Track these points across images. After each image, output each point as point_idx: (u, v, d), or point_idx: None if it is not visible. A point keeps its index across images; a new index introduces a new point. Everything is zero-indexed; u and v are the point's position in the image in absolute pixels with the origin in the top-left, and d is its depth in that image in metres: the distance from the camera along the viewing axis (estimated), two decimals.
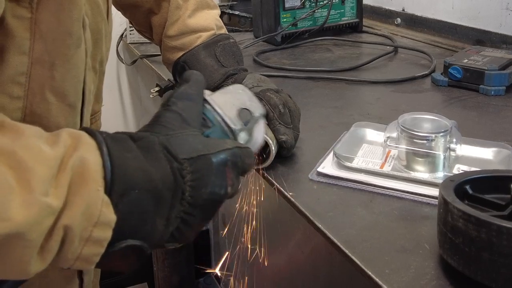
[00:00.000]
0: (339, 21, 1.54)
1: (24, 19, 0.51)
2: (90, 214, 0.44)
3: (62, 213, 0.43)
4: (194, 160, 0.51)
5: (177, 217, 0.51)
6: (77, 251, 0.45)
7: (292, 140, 0.76)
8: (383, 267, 0.55)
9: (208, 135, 0.56)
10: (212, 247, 1.94)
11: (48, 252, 0.44)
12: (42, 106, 0.55)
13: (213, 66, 0.84)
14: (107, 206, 0.45)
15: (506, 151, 0.75)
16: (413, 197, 0.68)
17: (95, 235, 0.45)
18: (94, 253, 0.46)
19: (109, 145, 0.47)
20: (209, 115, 0.57)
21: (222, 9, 1.67)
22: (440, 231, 0.54)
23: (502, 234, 0.47)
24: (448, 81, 1.09)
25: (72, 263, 0.46)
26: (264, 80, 0.82)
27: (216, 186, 0.52)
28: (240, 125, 0.58)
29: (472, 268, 0.50)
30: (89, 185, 0.44)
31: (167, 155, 0.50)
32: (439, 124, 0.74)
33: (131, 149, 0.49)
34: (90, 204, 0.44)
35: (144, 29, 0.95)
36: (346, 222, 0.64)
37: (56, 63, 0.55)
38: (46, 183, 0.43)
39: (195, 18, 0.88)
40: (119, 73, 1.90)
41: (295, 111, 0.78)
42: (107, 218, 0.45)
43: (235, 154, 0.54)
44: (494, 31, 1.30)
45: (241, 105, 0.59)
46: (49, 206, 0.42)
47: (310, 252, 0.95)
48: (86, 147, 0.46)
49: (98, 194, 0.45)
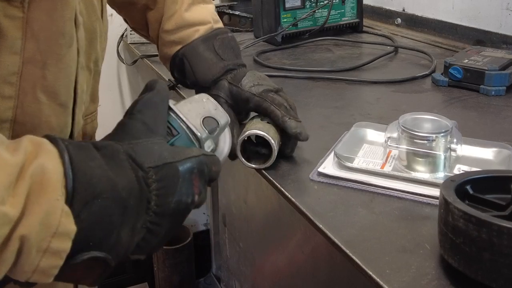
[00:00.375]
0: (340, 21, 1.54)
1: (15, 18, 0.51)
2: (48, 224, 0.42)
3: (19, 222, 0.41)
4: (160, 168, 0.50)
5: (143, 227, 0.49)
6: (34, 263, 0.43)
7: (306, 132, 0.76)
8: (384, 267, 0.55)
9: (173, 143, 0.55)
10: (212, 247, 1.94)
11: (3, 264, 0.42)
12: (33, 106, 0.54)
13: (212, 60, 0.84)
14: (66, 216, 0.43)
15: (507, 151, 0.75)
16: (413, 197, 0.68)
17: (54, 246, 0.43)
18: (52, 265, 0.44)
19: (71, 153, 0.46)
20: (174, 124, 0.56)
21: (223, 9, 1.67)
22: (440, 231, 0.54)
23: (503, 234, 0.47)
24: (449, 81, 1.09)
25: (30, 276, 0.44)
26: (264, 78, 0.82)
27: (183, 194, 0.51)
28: (206, 133, 0.58)
29: (473, 268, 0.50)
30: (48, 194, 0.43)
31: (132, 164, 0.49)
32: (439, 124, 0.74)
33: (95, 158, 0.47)
34: (48, 214, 0.42)
35: (140, 27, 0.95)
36: (347, 222, 0.64)
37: (48, 62, 0.54)
38: (3, 191, 0.41)
39: (191, 12, 0.88)
40: (119, 73, 1.90)
41: (294, 109, 0.79)
42: (66, 229, 0.43)
43: (202, 162, 0.53)
44: (495, 31, 1.30)
45: (206, 113, 0.59)
46: (5, 215, 0.40)
47: (311, 252, 0.95)
48: (47, 155, 0.44)
49: (57, 204, 0.43)
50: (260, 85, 0.79)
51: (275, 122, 0.76)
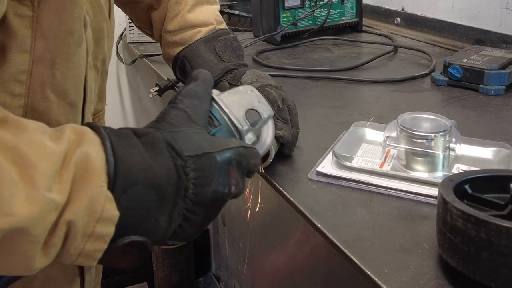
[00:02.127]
0: (339, 20, 1.54)
1: (25, 17, 0.51)
2: (93, 210, 0.44)
3: (66, 208, 0.43)
4: (198, 157, 0.51)
5: (180, 214, 0.50)
6: (80, 247, 0.45)
7: (289, 135, 0.76)
8: (382, 266, 0.55)
9: (214, 134, 0.56)
10: (212, 247, 1.94)
11: (52, 248, 0.44)
12: (43, 104, 0.55)
13: (212, 61, 0.84)
14: (110, 202, 0.45)
15: (506, 151, 0.75)
16: (412, 197, 0.68)
17: (98, 230, 0.45)
18: (97, 249, 0.46)
19: (113, 141, 0.47)
20: (216, 114, 0.57)
21: (222, 9, 1.67)
22: (439, 231, 0.54)
23: (501, 233, 0.47)
24: (448, 80, 1.09)
25: (74, 259, 0.46)
26: (264, 76, 0.82)
27: (220, 184, 0.52)
28: (247, 125, 0.58)
29: (471, 268, 0.50)
30: (92, 181, 0.44)
31: (171, 152, 0.50)
32: (438, 124, 0.74)
33: (135, 145, 0.49)
34: (93, 200, 0.44)
35: (144, 25, 0.95)
36: (345, 221, 0.64)
37: (57, 61, 0.55)
38: (49, 179, 0.43)
39: (194, 13, 0.88)
40: (118, 73, 1.90)
41: (293, 109, 0.78)
42: (110, 214, 0.45)
43: (240, 153, 0.54)
44: (494, 31, 1.29)
45: (249, 105, 0.59)
46: (53, 202, 0.42)
47: (310, 252, 0.95)
48: (90, 143, 0.46)
49: (101, 190, 0.45)
50: (258, 82, 0.79)
51: None
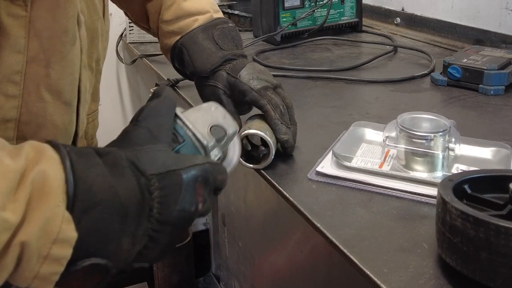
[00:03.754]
0: (339, 20, 1.54)
1: (19, 17, 0.51)
2: (49, 231, 0.42)
3: (20, 228, 0.41)
4: (163, 175, 0.49)
5: (145, 235, 0.49)
6: (35, 269, 0.43)
7: (292, 140, 0.77)
8: (382, 266, 0.55)
9: (178, 150, 0.54)
10: (212, 247, 1.94)
11: (3, 270, 0.42)
12: (37, 105, 0.55)
13: (210, 49, 0.83)
14: (67, 223, 0.43)
15: (505, 151, 0.75)
16: (412, 197, 0.68)
17: (54, 252, 0.43)
18: (53, 272, 0.43)
19: (73, 160, 0.45)
20: (180, 131, 0.55)
21: (222, 9, 1.67)
22: (438, 231, 0.54)
23: (500, 233, 0.47)
24: (448, 80, 1.09)
25: (30, 282, 0.43)
26: (264, 72, 0.81)
27: (186, 203, 0.50)
28: (213, 141, 0.56)
29: (470, 268, 0.50)
30: (49, 200, 0.42)
31: (134, 171, 0.48)
32: (438, 124, 0.74)
33: (96, 164, 0.47)
34: (49, 220, 0.42)
35: (140, 19, 0.94)
36: (345, 221, 0.64)
37: (52, 60, 0.54)
38: (3, 197, 0.40)
39: (190, 2, 0.87)
40: (118, 73, 1.90)
41: (291, 108, 0.79)
42: (67, 235, 0.43)
43: (207, 170, 0.52)
44: (494, 31, 1.30)
45: (214, 122, 0.57)
46: (6, 221, 0.40)
47: (309, 252, 0.95)
48: (49, 161, 0.44)
49: (58, 210, 0.42)
50: (259, 79, 0.79)
51: (268, 122, 0.77)
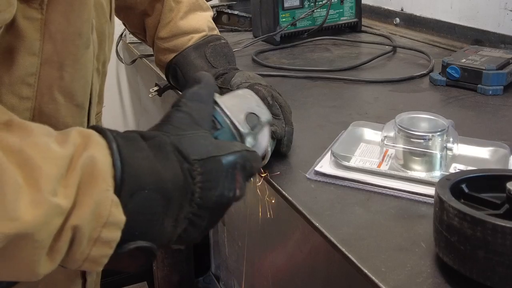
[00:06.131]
0: (338, 20, 1.55)
1: (34, 20, 0.51)
2: (99, 215, 0.44)
3: (71, 213, 0.43)
4: (205, 161, 0.51)
5: (186, 218, 0.50)
6: (85, 252, 0.44)
7: (282, 131, 0.76)
8: (380, 265, 0.56)
9: (216, 137, 0.56)
10: (212, 246, 1.95)
11: (57, 253, 0.43)
12: (50, 107, 0.55)
13: (202, 67, 0.84)
14: (116, 207, 0.44)
15: (503, 151, 0.75)
16: (410, 196, 0.68)
17: (104, 235, 0.44)
18: (103, 254, 0.45)
19: (120, 144, 0.47)
20: (218, 118, 0.57)
21: (222, 9, 1.67)
22: (436, 230, 0.54)
23: (497, 232, 0.48)
24: (446, 80, 1.09)
25: (80, 264, 0.45)
26: (253, 77, 0.82)
27: (225, 188, 0.52)
28: (248, 129, 0.58)
29: (468, 266, 0.50)
30: (98, 185, 0.44)
31: (178, 156, 0.49)
32: (436, 124, 0.74)
33: (142, 149, 0.48)
34: (99, 204, 0.43)
35: (138, 31, 0.95)
36: (343, 220, 0.64)
37: (65, 63, 0.55)
38: (54, 182, 0.42)
39: (187, 20, 0.88)
40: (118, 73, 1.90)
41: (285, 106, 0.78)
42: (116, 219, 0.44)
43: (244, 157, 0.54)
44: (493, 31, 1.30)
45: (249, 109, 0.59)
46: (58, 206, 0.42)
47: (309, 251, 0.95)
48: (96, 146, 0.45)
49: (107, 194, 0.44)
50: (248, 83, 0.79)
51: None
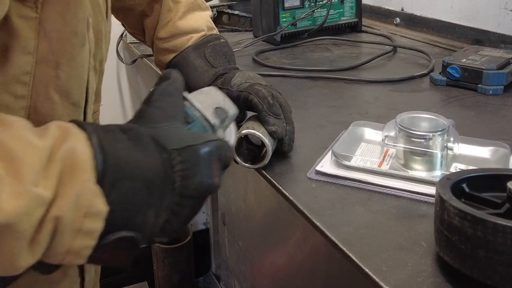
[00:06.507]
0: (338, 20, 1.55)
1: (29, 19, 0.51)
2: (80, 205, 0.44)
3: (53, 204, 0.43)
4: (182, 150, 0.51)
5: (168, 208, 0.51)
6: (68, 243, 0.44)
7: (283, 131, 0.76)
8: (381, 264, 0.56)
9: (189, 129, 0.57)
10: (212, 246, 1.95)
11: (39, 245, 0.43)
12: (46, 105, 0.55)
13: (202, 68, 0.84)
14: (98, 197, 0.45)
15: (503, 150, 0.75)
16: (410, 196, 0.68)
17: (86, 226, 0.44)
18: (85, 246, 0.45)
19: (100, 136, 0.47)
20: (189, 112, 0.58)
21: (222, 9, 1.67)
22: (436, 229, 0.54)
23: (498, 231, 0.48)
24: (447, 80, 1.09)
25: (62, 257, 0.45)
26: (253, 77, 0.82)
27: (204, 176, 0.52)
28: (218, 121, 0.60)
29: (468, 266, 0.50)
30: (79, 176, 0.44)
31: (156, 146, 0.50)
32: (436, 123, 0.74)
33: (122, 140, 0.49)
34: (80, 195, 0.44)
35: (137, 32, 0.95)
36: (344, 220, 0.64)
37: (61, 62, 0.55)
38: (36, 173, 0.42)
39: (185, 20, 0.88)
40: (119, 73, 1.91)
41: (285, 106, 0.78)
42: (98, 209, 0.45)
43: (219, 146, 0.55)
44: (493, 31, 1.30)
45: (216, 104, 0.61)
46: (40, 197, 0.42)
47: (309, 250, 0.95)
48: (75, 138, 0.46)
49: (88, 185, 0.44)
50: (248, 83, 0.79)
51: (259, 116, 0.76)
